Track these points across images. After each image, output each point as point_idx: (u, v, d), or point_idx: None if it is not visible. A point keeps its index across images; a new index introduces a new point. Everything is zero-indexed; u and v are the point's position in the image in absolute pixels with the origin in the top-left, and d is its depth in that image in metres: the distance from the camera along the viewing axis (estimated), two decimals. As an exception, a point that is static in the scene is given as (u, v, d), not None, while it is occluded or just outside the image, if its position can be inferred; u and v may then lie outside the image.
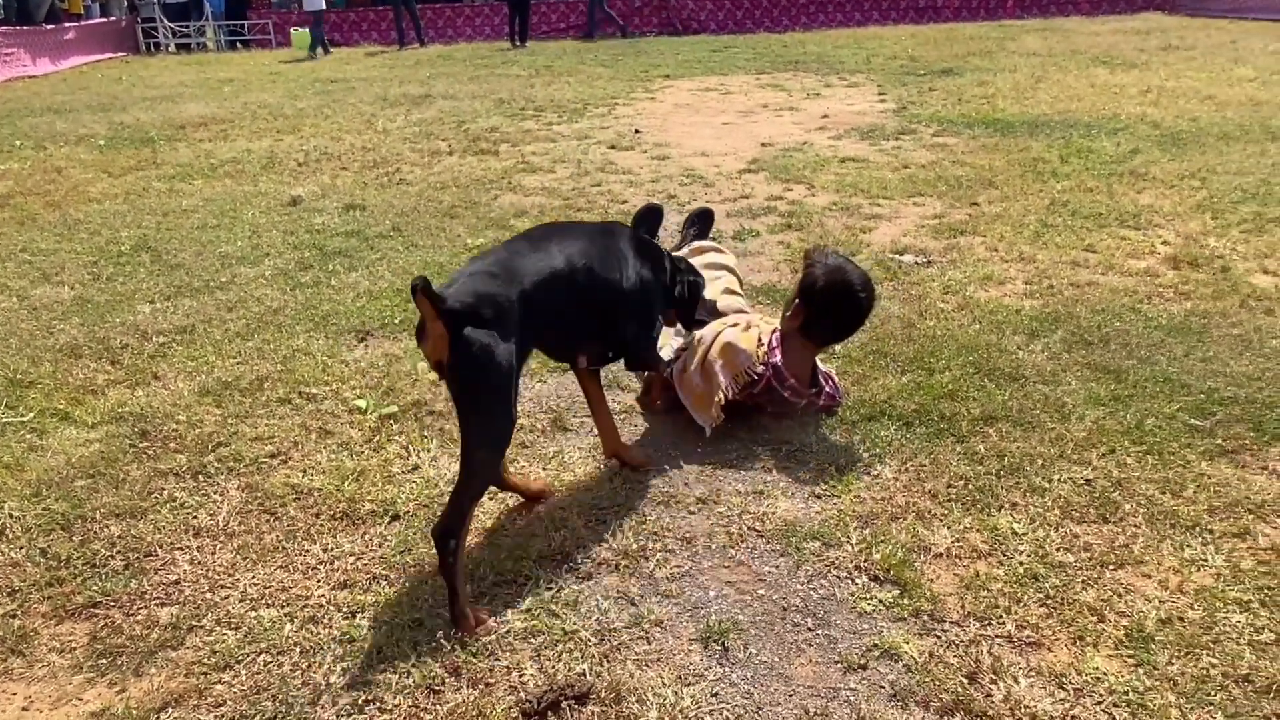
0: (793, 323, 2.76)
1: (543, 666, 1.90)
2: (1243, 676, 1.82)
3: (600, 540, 2.30)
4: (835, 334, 2.82)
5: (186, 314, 3.91)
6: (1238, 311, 3.58)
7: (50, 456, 2.78)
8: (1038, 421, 2.78)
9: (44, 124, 9.55)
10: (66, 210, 5.87)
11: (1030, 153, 6.36)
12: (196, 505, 2.52)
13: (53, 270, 4.62)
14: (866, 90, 9.98)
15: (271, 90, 11.90)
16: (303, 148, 7.71)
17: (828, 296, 2.68)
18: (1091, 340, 3.34)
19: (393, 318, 3.78)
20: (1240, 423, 2.74)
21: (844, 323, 2.76)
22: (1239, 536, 2.25)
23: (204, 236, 5.13)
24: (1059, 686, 1.82)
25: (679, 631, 2.00)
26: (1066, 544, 2.23)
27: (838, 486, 2.50)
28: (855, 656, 1.90)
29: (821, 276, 2.70)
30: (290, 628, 2.03)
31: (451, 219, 5.29)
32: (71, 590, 2.18)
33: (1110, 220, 4.79)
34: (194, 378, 3.29)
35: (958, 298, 3.81)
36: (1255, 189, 5.24)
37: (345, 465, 2.67)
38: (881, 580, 2.13)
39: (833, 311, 2.70)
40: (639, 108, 9.37)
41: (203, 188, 6.42)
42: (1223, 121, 7.19)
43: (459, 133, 8.17)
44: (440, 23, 19.97)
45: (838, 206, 5.28)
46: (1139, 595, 2.05)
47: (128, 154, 7.73)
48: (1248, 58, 11.04)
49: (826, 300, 2.68)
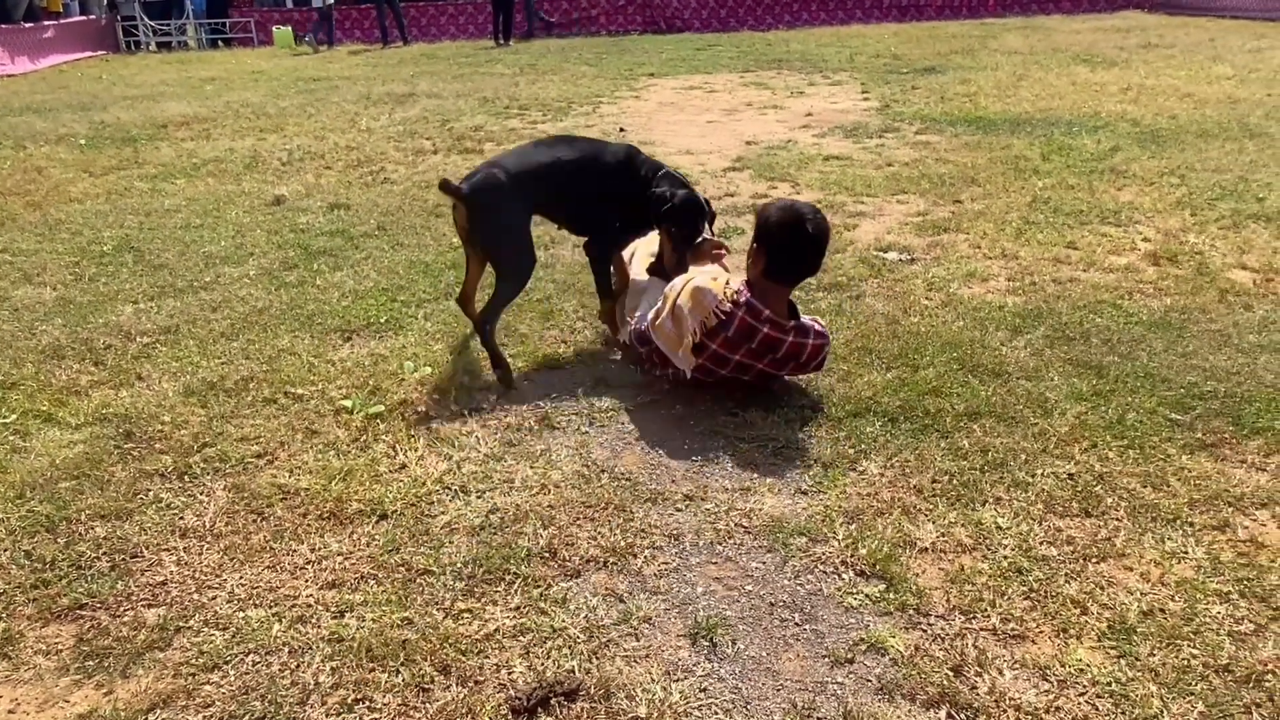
0: (756, 267, 2.86)
1: (532, 664, 1.91)
2: (1223, 666, 1.84)
3: (588, 537, 2.31)
4: (796, 267, 2.87)
5: (170, 314, 3.89)
6: (1216, 307, 3.62)
7: (34, 458, 2.76)
8: (1021, 417, 2.80)
9: (23, 123, 9.45)
10: (47, 210, 5.82)
11: (1012, 150, 6.41)
12: (183, 506, 2.51)
13: (34, 271, 4.58)
14: (850, 88, 10.02)
15: (254, 89, 11.82)
16: (286, 147, 7.67)
17: (782, 231, 2.79)
18: (1073, 336, 3.37)
19: (378, 317, 3.77)
20: (1219, 417, 2.78)
21: (801, 252, 2.83)
22: (1219, 529, 2.28)
23: (187, 236, 5.10)
24: (1043, 678, 1.84)
25: (667, 628, 2.01)
26: (1050, 538, 2.26)
27: (824, 482, 2.52)
28: (842, 651, 1.92)
29: (773, 214, 2.85)
30: (278, 628, 2.03)
31: (436, 218, 5.28)
32: (57, 592, 2.17)
33: (1091, 217, 4.83)
34: (179, 378, 3.27)
35: (941, 294, 3.84)
36: (1233, 186, 5.30)
37: (332, 465, 2.67)
38: (868, 575, 2.15)
39: (789, 244, 2.80)
40: (623, 106, 9.37)
41: (185, 187, 6.38)
42: (1201, 119, 7.27)
43: (443, 131, 8.15)
44: (424, 21, 19.88)
45: (822, 204, 5.29)
46: (1121, 588, 2.08)
47: (109, 153, 7.66)
48: (1226, 56, 11.16)
49: (782, 235, 2.79)
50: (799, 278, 2.94)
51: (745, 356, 2.86)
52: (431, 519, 2.41)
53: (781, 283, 2.89)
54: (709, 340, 2.84)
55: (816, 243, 2.81)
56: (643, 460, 2.69)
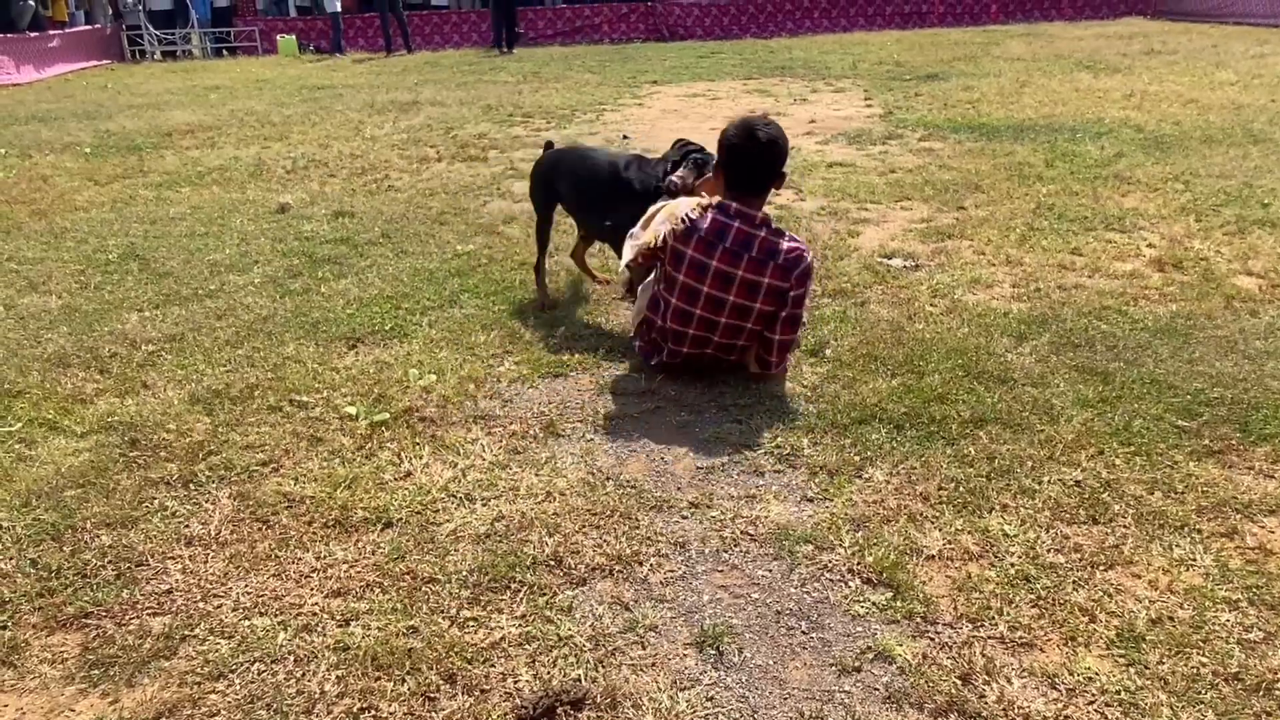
0: (718, 183, 3.08)
1: (538, 673, 1.90)
2: (1233, 675, 1.83)
3: (593, 545, 2.31)
4: (753, 174, 2.99)
5: (175, 322, 3.90)
6: (1222, 313, 3.61)
7: (39, 466, 2.76)
8: (1027, 423, 2.80)
9: (29, 132, 9.49)
10: (53, 219, 5.84)
11: (1016, 157, 6.41)
12: (188, 514, 2.51)
13: (40, 279, 4.59)
14: (853, 95, 10.03)
15: (258, 97, 11.87)
16: (290, 155, 7.69)
17: (736, 141, 2.96)
18: (1079, 342, 3.36)
19: (383, 324, 3.77)
20: (1226, 423, 2.77)
21: (756, 159, 2.96)
22: (1227, 536, 2.27)
23: (192, 244, 5.11)
24: (1051, 687, 1.83)
25: (673, 636, 2.01)
26: (1057, 545, 2.25)
27: (830, 490, 2.52)
28: (849, 659, 1.91)
29: (729, 130, 3.01)
30: (284, 636, 2.02)
31: (440, 225, 5.29)
32: (63, 601, 2.16)
33: (1096, 223, 4.83)
34: (184, 386, 3.27)
35: (946, 301, 3.84)
36: (1238, 191, 5.30)
37: (337, 473, 2.67)
38: (874, 583, 2.15)
39: (743, 154, 2.96)
40: (627, 113, 9.39)
41: (190, 195, 6.40)
42: (1205, 125, 7.26)
43: (447, 139, 8.17)
44: (427, 29, 19.95)
45: (825, 211, 5.30)
46: (1129, 595, 2.07)
47: (114, 162, 7.69)
48: (1229, 61, 11.16)
49: (736, 145, 2.96)
50: (760, 187, 3.04)
51: (722, 261, 2.94)
52: (437, 527, 2.41)
53: (747, 194, 3.02)
54: (683, 245, 2.98)
55: (769, 148, 2.95)
56: (648, 468, 2.69)
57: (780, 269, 2.95)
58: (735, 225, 2.94)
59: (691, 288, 3.00)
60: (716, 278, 2.97)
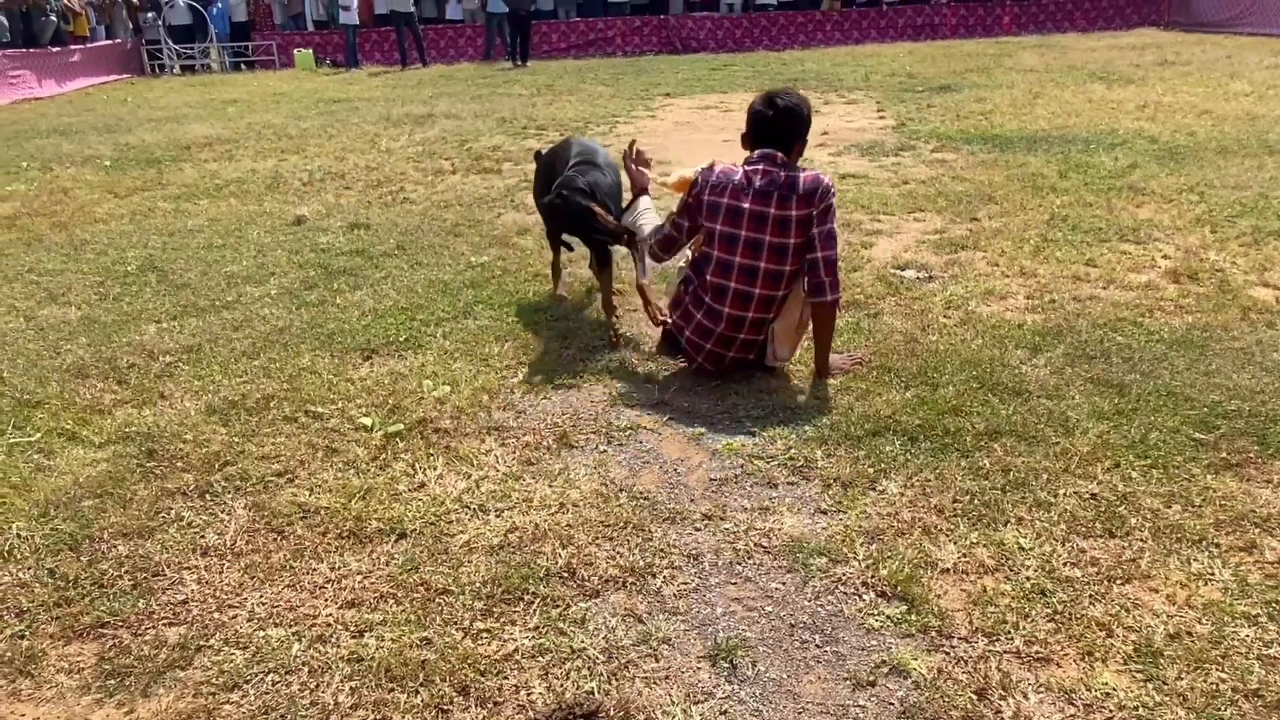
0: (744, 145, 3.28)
1: (551, 685, 1.90)
2: (1252, 691, 1.81)
3: (607, 557, 2.31)
4: (770, 131, 3.18)
5: (193, 333, 3.93)
6: (1239, 324, 3.59)
7: (57, 476, 2.79)
8: (1042, 436, 2.78)
9: (50, 145, 9.61)
10: (73, 231, 5.90)
11: (1029, 168, 6.39)
12: (204, 524, 2.52)
13: (59, 290, 4.64)
14: (865, 107, 10.04)
15: (275, 111, 11.98)
16: (307, 167, 7.76)
17: (759, 107, 3.19)
18: (1094, 354, 3.35)
19: (398, 335, 3.79)
20: (1244, 436, 2.74)
21: (774, 124, 3.17)
22: (1246, 550, 2.25)
23: (210, 256, 5.16)
24: (1068, 702, 1.82)
25: (687, 649, 2.00)
26: (1073, 559, 2.23)
27: (844, 502, 2.51)
28: (864, 673, 1.90)
29: (756, 98, 3.25)
30: (298, 647, 2.03)
31: (455, 237, 5.32)
32: (79, 610, 2.18)
33: (1110, 234, 4.81)
34: (201, 397, 3.30)
35: (960, 312, 3.83)
36: (1253, 202, 5.26)
37: (352, 484, 2.68)
38: (889, 596, 2.14)
39: (763, 119, 3.18)
40: (640, 126, 9.42)
41: (208, 208, 6.46)
42: (1220, 136, 7.23)
43: (462, 151, 8.22)
44: (442, 43, 20.11)
45: (838, 222, 5.29)
46: (1147, 610, 2.06)
47: (133, 175, 7.78)
48: (1243, 72, 11.10)
49: (759, 110, 3.19)
50: (777, 143, 3.20)
51: (755, 203, 3.11)
52: (450, 538, 2.41)
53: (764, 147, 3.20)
54: (718, 196, 3.17)
55: (786, 114, 3.15)
56: (661, 479, 2.69)
57: (803, 198, 3.11)
58: (760, 167, 3.15)
59: (730, 234, 3.15)
60: (752, 220, 3.12)
